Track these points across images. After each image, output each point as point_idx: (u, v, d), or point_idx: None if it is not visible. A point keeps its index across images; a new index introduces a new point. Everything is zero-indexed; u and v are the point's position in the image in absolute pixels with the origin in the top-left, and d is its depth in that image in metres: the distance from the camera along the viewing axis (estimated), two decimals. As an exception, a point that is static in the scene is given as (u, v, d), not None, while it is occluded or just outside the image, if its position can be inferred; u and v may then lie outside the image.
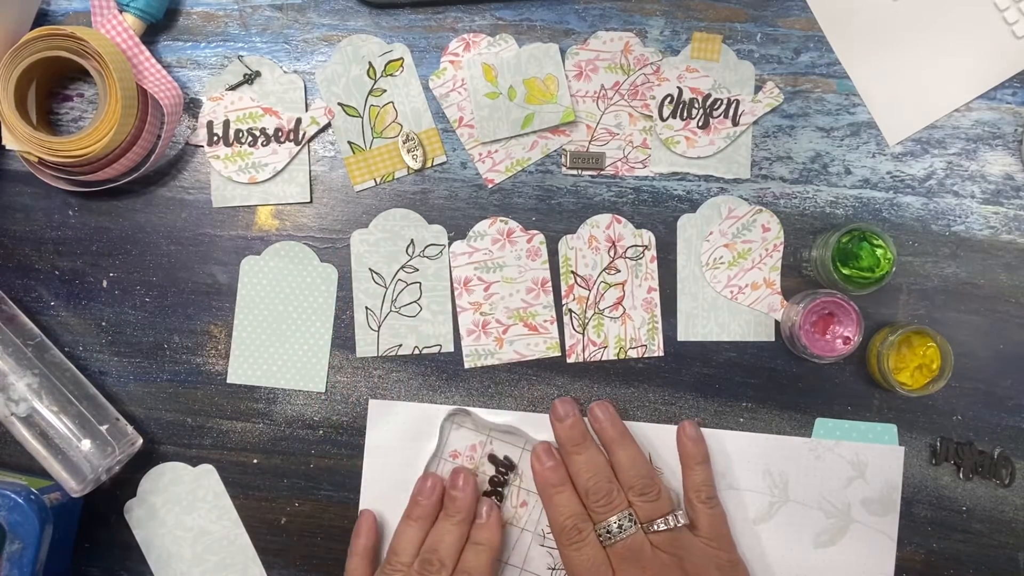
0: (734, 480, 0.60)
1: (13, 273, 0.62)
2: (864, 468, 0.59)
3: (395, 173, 0.62)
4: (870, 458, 0.60)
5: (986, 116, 0.61)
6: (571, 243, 0.61)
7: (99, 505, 0.61)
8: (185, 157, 0.62)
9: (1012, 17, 0.60)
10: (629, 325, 0.61)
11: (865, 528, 0.59)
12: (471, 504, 0.58)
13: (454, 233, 0.62)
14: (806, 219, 0.61)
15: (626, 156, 0.61)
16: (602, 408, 0.59)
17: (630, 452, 0.58)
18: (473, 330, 0.61)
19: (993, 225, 0.61)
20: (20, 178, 0.62)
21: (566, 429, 0.58)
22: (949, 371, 0.56)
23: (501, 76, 0.61)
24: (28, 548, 0.53)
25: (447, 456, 0.61)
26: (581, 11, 0.61)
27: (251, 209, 0.62)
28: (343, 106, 0.62)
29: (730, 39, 0.61)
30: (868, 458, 0.60)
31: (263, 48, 0.62)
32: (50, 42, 0.56)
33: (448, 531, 0.57)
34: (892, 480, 0.60)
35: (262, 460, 0.62)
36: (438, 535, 0.57)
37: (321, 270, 0.61)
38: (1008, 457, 0.60)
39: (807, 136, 0.61)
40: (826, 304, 0.57)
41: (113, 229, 0.62)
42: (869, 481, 0.59)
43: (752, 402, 0.61)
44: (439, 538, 0.57)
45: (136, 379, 0.62)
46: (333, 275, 0.61)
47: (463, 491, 0.58)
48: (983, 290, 0.60)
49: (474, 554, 0.56)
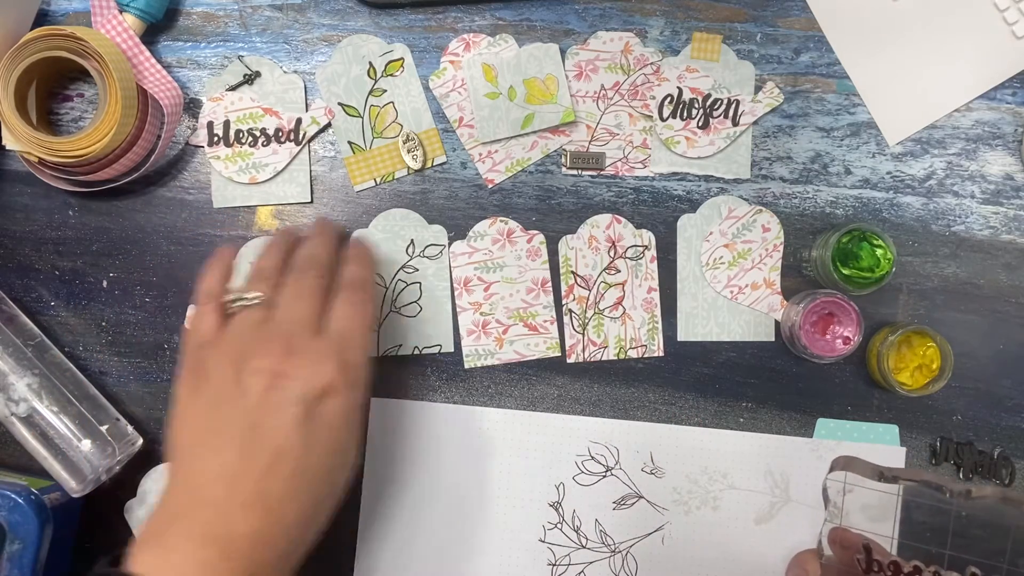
0: (735, 480, 0.60)
1: (13, 273, 0.62)
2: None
3: (395, 173, 0.62)
4: (871, 459, 0.59)
5: (986, 116, 0.61)
6: (571, 243, 0.61)
7: (99, 505, 0.61)
8: (185, 157, 0.62)
9: (1012, 17, 0.60)
10: (629, 325, 0.61)
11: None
12: (328, 259, 0.52)
13: (454, 233, 0.62)
14: (806, 219, 0.61)
15: (626, 156, 0.61)
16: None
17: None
18: (473, 330, 0.61)
19: (993, 225, 0.61)
20: (20, 178, 0.62)
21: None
22: (949, 371, 0.56)
23: (501, 76, 0.61)
24: (28, 548, 0.53)
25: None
26: (581, 11, 0.61)
27: (251, 209, 0.62)
28: (343, 106, 0.62)
29: (730, 39, 0.61)
30: (870, 459, 0.59)
31: (263, 48, 0.62)
32: (50, 42, 0.56)
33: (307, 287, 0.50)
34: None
35: (262, 460, 0.62)
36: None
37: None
38: (1008, 457, 0.60)
39: (807, 136, 0.61)
40: (826, 304, 0.57)
41: (113, 229, 0.62)
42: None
43: (752, 402, 0.61)
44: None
45: (136, 379, 0.62)
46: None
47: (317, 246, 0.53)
48: (983, 290, 0.60)
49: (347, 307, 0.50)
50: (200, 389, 0.48)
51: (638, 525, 0.60)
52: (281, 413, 0.45)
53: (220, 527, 0.43)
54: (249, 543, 0.43)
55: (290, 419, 0.45)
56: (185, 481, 0.46)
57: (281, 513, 0.44)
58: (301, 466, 0.45)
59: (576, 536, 0.61)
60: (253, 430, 0.45)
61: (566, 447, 0.61)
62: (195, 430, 0.47)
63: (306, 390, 0.45)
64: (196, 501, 0.44)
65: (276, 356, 0.46)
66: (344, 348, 0.48)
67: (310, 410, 0.45)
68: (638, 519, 0.60)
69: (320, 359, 0.47)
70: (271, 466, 0.44)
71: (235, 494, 0.44)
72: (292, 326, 0.48)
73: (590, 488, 0.61)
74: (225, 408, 0.46)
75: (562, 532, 0.61)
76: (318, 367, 0.46)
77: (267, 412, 0.45)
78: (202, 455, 0.45)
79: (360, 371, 0.49)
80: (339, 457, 0.47)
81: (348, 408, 0.47)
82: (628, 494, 0.61)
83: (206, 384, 0.47)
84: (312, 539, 0.47)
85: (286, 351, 0.47)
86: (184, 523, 0.43)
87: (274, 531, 0.44)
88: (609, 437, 0.61)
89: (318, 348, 0.47)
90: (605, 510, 0.61)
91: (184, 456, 0.47)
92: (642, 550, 0.60)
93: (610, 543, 0.61)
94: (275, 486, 0.44)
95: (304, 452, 0.45)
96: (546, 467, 0.61)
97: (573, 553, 0.60)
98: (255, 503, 0.44)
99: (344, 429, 0.47)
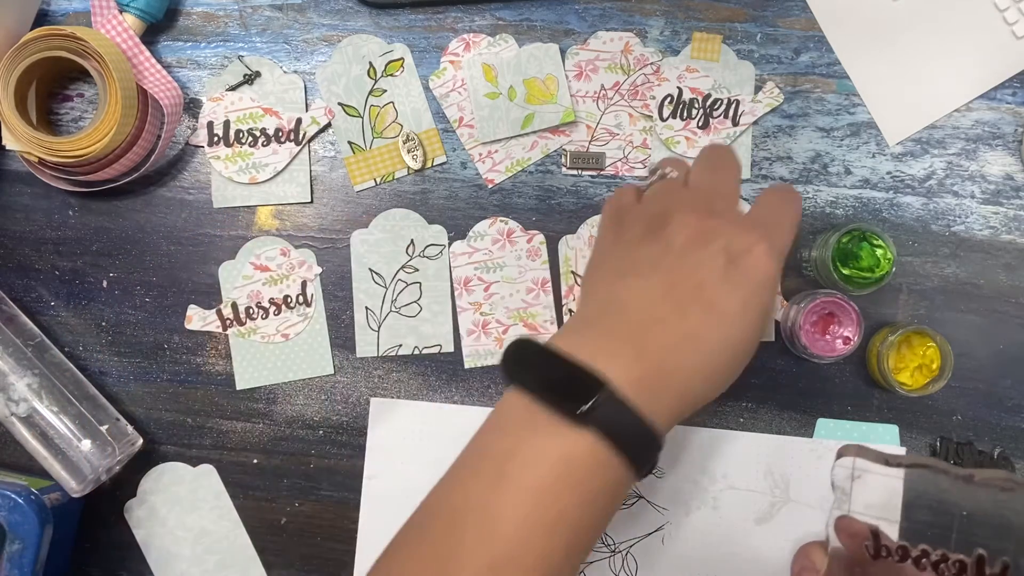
0: (735, 480, 0.60)
1: (13, 273, 0.62)
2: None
3: (395, 173, 0.62)
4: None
5: (986, 116, 0.61)
6: (571, 243, 0.61)
7: (99, 505, 0.61)
8: (185, 157, 0.62)
9: (1012, 17, 0.60)
10: (629, 325, 0.61)
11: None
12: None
13: (454, 233, 0.62)
14: (806, 219, 0.61)
15: (626, 156, 0.61)
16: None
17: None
18: (473, 330, 0.61)
19: (993, 225, 0.61)
20: (20, 178, 0.62)
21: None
22: (949, 371, 0.56)
23: (501, 76, 0.61)
24: (28, 548, 0.53)
25: None
26: (581, 11, 0.61)
27: (251, 209, 0.62)
28: (343, 106, 0.62)
29: (730, 39, 0.61)
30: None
31: (263, 48, 0.62)
32: (50, 42, 0.56)
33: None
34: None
35: (262, 460, 0.62)
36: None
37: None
38: (1008, 457, 0.60)
39: (807, 136, 0.61)
40: (826, 304, 0.57)
41: (113, 229, 0.62)
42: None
43: (752, 402, 0.61)
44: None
45: (136, 379, 0.62)
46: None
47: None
48: (983, 290, 0.60)
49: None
50: (622, 236, 0.46)
51: (638, 525, 0.60)
52: (707, 260, 0.42)
53: (637, 335, 0.41)
54: (661, 356, 0.40)
55: (716, 267, 0.42)
56: (606, 299, 0.43)
57: (696, 341, 0.41)
58: (719, 308, 0.41)
59: (576, 536, 0.61)
60: (678, 264, 0.42)
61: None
62: (619, 263, 0.45)
63: (731, 245, 0.42)
64: (615, 312, 0.42)
65: (700, 214, 0.44)
66: (770, 229, 0.44)
67: (735, 262, 0.42)
68: (638, 519, 0.60)
69: (744, 227, 0.43)
70: (693, 296, 0.41)
71: (655, 310, 0.41)
72: (713, 195, 0.46)
73: (590, 488, 0.61)
74: (649, 248, 0.44)
75: (562, 532, 0.61)
76: (742, 231, 0.43)
77: (691, 255, 0.42)
78: (624, 280, 0.43)
79: (783, 254, 0.44)
80: (755, 314, 0.42)
81: (771, 273, 0.42)
82: (628, 494, 0.61)
83: (629, 232, 0.45)
84: (713, 393, 0.44)
85: (708, 212, 0.44)
86: (602, 324, 0.42)
87: (686, 352, 0.41)
88: (609, 437, 0.61)
89: (740, 219, 0.44)
90: (605, 510, 0.61)
91: (601, 281, 0.45)
92: (642, 550, 0.60)
93: (610, 543, 0.61)
94: (694, 316, 0.41)
95: (724, 295, 0.41)
96: (546, 467, 0.61)
97: (573, 553, 0.60)
98: (671, 321, 0.41)
99: (766, 289, 0.42)
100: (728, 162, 0.49)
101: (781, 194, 0.47)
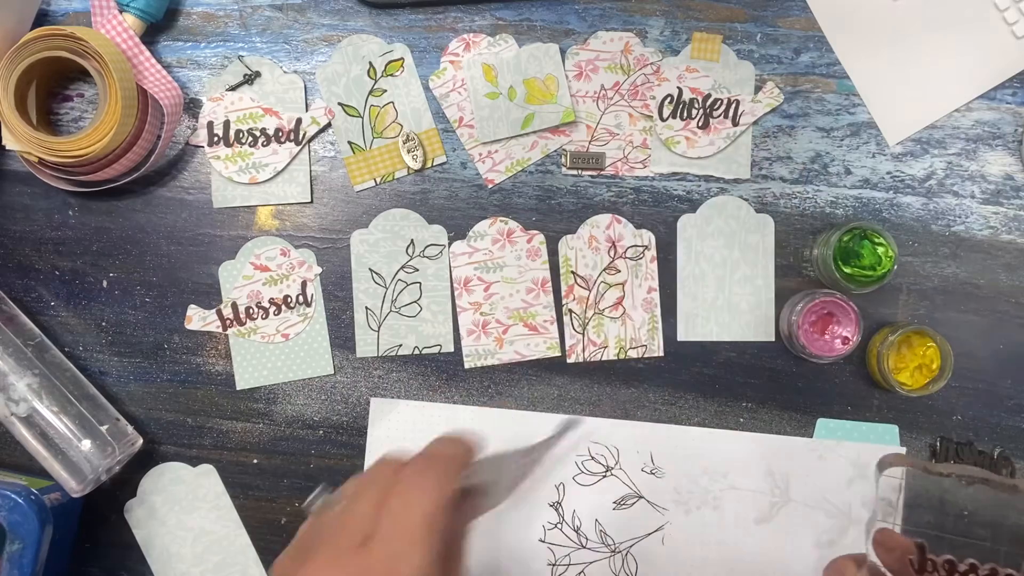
0: (735, 480, 0.60)
1: (13, 273, 0.62)
2: (866, 468, 0.59)
3: (395, 173, 0.62)
4: (872, 459, 0.59)
5: (986, 116, 0.61)
6: (571, 243, 0.61)
7: (99, 505, 0.61)
8: (185, 157, 0.62)
9: (1012, 17, 0.60)
10: (629, 325, 0.61)
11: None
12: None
13: (454, 233, 0.62)
14: (806, 219, 0.61)
15: (626, 156, 0.61)
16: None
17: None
18: (473, 330, 0.61)
19: (993, 225, 0.61)
20: (20, 178, 0.62)
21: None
22: (949, 371, 0.56)
23: (501, 76, 0.61)
24: (28, 548, 0.53)
25: None
26: (581, 11, 0.61)
27: (251, 209, 0.62)
28: (343, 106, 0.62)
29: (730, 39, 0.61)
30: (870, 459, 0.59)
31: (263, 48, 0.62)
32: (50, 42, 0.56)
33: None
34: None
35: (262, 460, 0.62)
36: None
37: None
38: (1008, 457, 0.60)
39: (807, 136, 0.61)
40: (825, 304, 0.57)
41: (113, 229, 0.62)
42: (871, 481, 0.59)
43: (752, 402, 0.61)
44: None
45: (136, 379, 0.62)
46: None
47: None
48: (983, 290, 0.60)
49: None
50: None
51: (638, 525, 0.60)
52: None
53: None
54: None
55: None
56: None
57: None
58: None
59: (576, 536, 0.61)
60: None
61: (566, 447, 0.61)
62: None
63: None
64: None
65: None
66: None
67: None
68: (638, 519, 0.60)
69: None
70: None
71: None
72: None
73: (590, 488, 0.61)
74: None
75: (562, 532, 0.61)
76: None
77: None
78: None
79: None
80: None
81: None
82: (628, 494, 0.61)
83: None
84: None
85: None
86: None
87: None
88: (609, 437, 0.61)
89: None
90: (605, 510, 0.61)
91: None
92: (642, 550, 0.60)
93: (610, 543, 0.61)
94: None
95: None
96: (546, 467, 0.61)
97: (573, 553, 0.60)
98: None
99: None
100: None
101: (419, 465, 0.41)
